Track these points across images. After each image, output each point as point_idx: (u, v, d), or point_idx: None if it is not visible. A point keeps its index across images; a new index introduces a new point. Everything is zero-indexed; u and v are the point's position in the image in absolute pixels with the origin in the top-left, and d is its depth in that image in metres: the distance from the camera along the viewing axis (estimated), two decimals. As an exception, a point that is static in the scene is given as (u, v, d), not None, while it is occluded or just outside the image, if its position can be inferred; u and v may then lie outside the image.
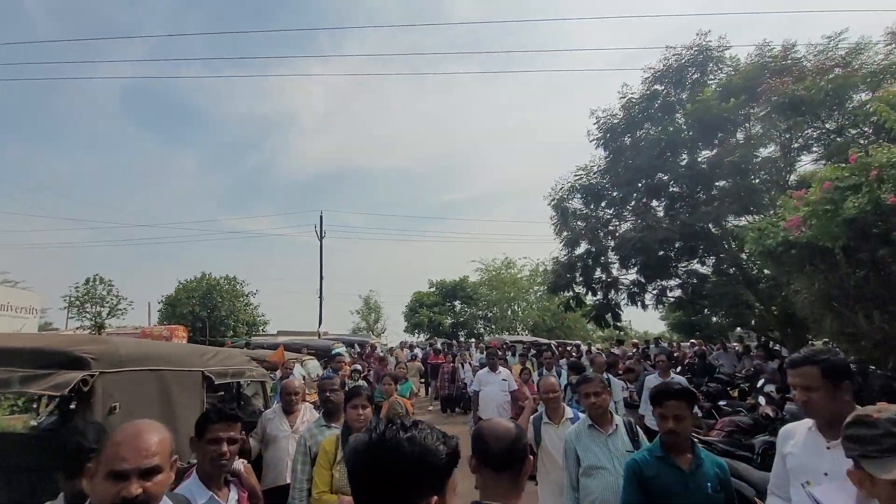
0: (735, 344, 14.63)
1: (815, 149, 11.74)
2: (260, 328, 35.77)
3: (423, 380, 15.08)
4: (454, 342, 18.94)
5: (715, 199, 11.88)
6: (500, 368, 6.24)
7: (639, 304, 13.41)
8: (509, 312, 32.33)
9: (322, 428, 2.89)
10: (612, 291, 14.01)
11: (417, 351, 14.09)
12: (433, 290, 36.89)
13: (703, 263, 13.70)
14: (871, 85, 10.42)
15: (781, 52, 11.69)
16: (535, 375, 7.27)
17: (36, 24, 79.78)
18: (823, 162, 12.18)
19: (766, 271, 11.95)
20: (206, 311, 32.46)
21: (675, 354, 13.57)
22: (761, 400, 5.48)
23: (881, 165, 4.79)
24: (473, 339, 27.48)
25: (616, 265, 14.03)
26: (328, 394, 2.98)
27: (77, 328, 32.47)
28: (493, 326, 32.62)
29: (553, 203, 14.21)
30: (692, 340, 16.54)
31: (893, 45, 10.26)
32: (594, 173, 13.27)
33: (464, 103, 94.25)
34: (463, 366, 10.88)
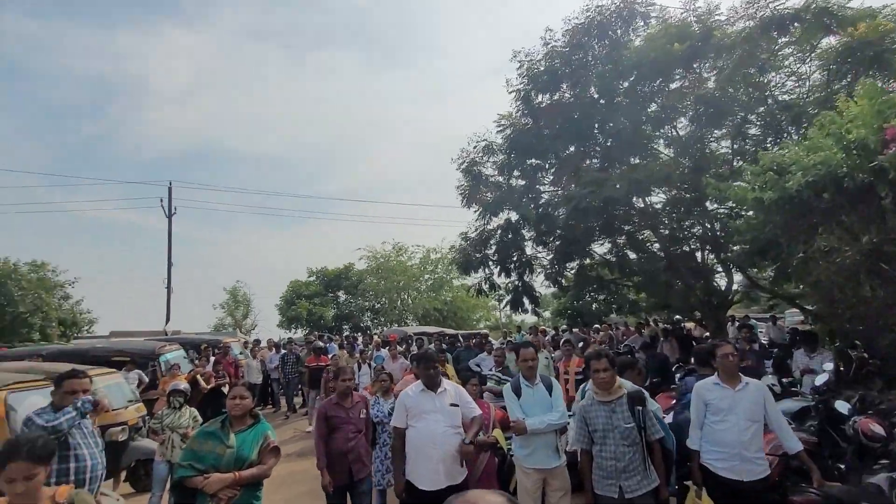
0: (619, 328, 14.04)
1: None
2: (85, 329, 28.26)
3: (300, 389, 11.84)
4: (341, 337, 15.86)
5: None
6: (445, 383, 3.56)
7: (558, 284, 11.82)
8: (399, 303, 29.79)
9: None
10: (527, 272, 12.24)
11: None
12: (313, 279, 32.78)
13: (614, 244, 12.64)
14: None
15: (705, 12, 10.91)
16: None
17: None
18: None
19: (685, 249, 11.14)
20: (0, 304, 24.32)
21: (591, 341, 12.33)
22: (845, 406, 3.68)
23: None
24: (360, 333, 24.43)
25: (531, 243, 12.32)
26: None
27: None
28: (381, 318, 29.79)
29: (463, 167, 11.94)
30: (595, 325, 15.67)
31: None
32: (513, 131, 11.23)
33: (345, 91, 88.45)
34: (360, 367, 7.93)
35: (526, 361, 3.75)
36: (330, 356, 10.44)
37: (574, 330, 13.81)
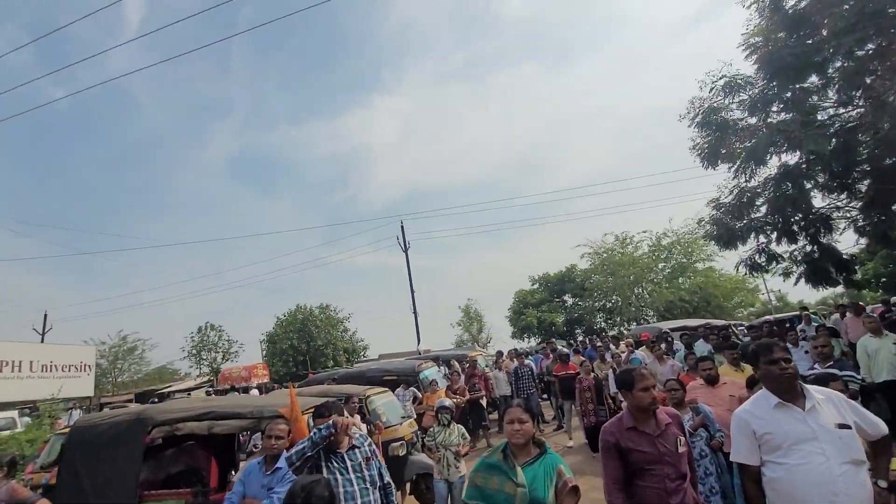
0: None
1: None
2: (360, 354, 34.29)
3: (545, 396, 11.26)
4: (575, 342, 14.79)
5: None
6: (810, 389, 2.15)
7: (883, 240, 8.27)
8: (633, 298, 26.84)
9: None
10: (822, 231, 9.02)
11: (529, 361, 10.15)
12: (536, 286, 32.60)
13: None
14: None
15: None
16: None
17: (147, 111, 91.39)
18: None
19: None
20: (305, 343, 31.55)
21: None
22: None
23: None
24: (594, 336, 22.72)
25: (819, 191, 9.07)
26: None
27: (198, 375, 33.79)
28: (616, 318, 27.38)
29: (698, 119, 9.69)
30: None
31: None
32: (768, 51, 8.52)
33: (529, 100, 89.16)
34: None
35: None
36: (579, 363, 9.51)
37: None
